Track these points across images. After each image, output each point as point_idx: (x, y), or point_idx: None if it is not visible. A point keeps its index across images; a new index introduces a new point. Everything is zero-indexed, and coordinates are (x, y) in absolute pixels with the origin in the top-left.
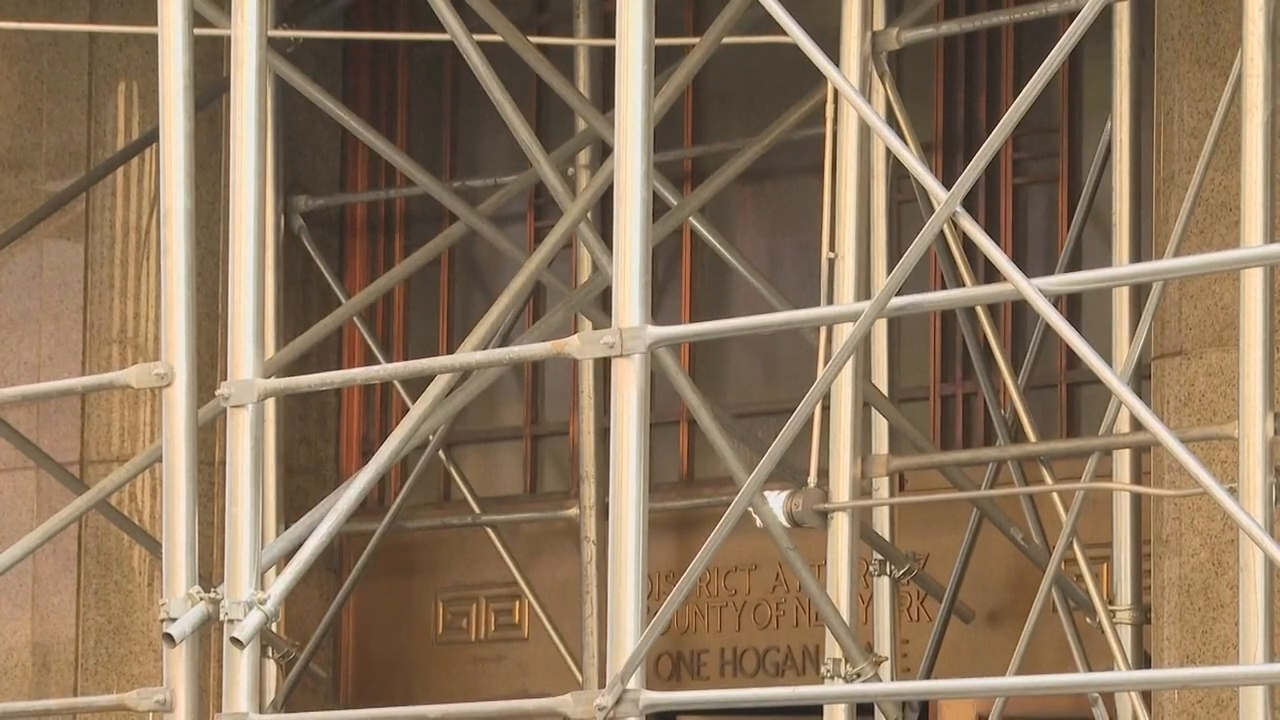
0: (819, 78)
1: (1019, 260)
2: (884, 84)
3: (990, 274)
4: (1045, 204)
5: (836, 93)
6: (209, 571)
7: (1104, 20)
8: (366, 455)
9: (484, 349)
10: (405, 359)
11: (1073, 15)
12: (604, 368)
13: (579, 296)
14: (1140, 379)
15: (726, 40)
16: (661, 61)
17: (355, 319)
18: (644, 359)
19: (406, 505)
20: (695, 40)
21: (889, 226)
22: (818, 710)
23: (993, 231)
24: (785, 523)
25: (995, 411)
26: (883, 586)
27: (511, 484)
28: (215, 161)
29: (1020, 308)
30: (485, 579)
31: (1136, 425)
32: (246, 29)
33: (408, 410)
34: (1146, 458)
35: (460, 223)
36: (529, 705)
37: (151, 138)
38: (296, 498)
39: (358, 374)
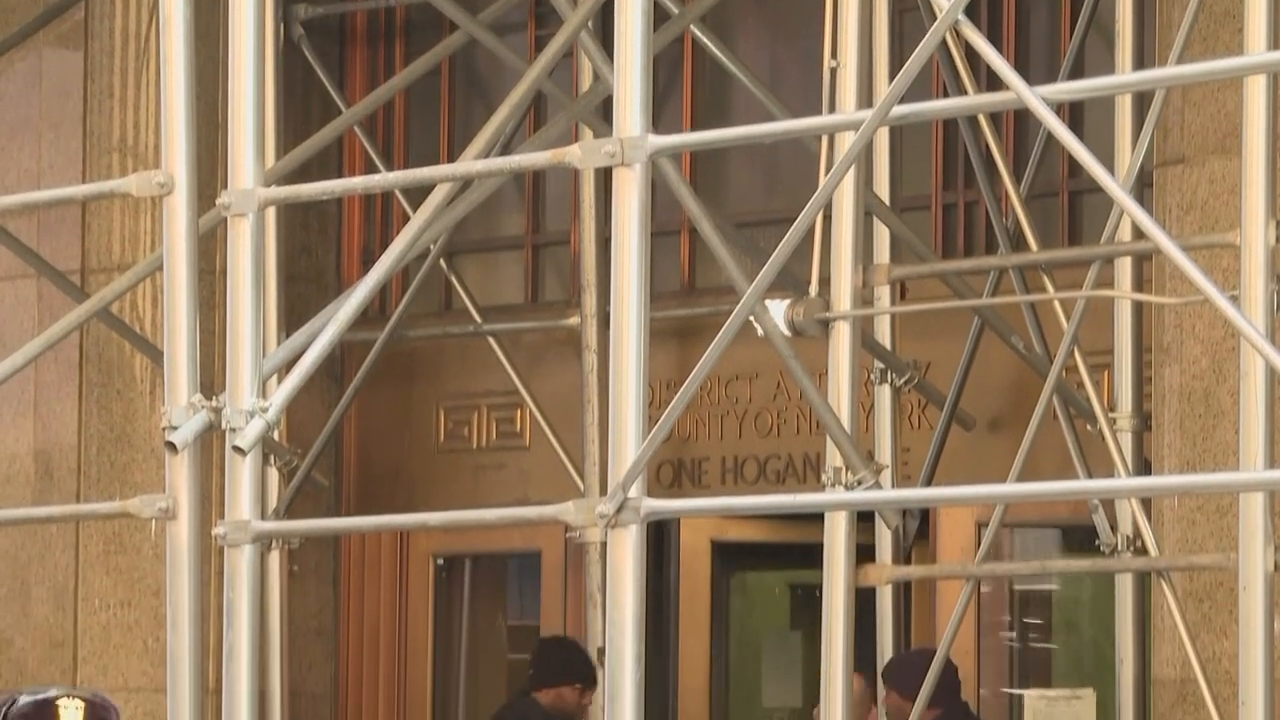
0: None
1: (1021, 68)
2: None
3: (992, 82)
4: (1048, 11)
5: None
6: (211, 380)
7: None
8: (367, 264)
9: (485, 158)
10: (406, 168)
11: None
12: (605, 177)
13: (580, 106)
14: (1142, 187)
15: None
16: None
17: (355, 128)
18: (645, 168)
19: (408, 314)
20: None
21: (891, 35)
22: (818, 518)
23: (995, 39)
24: (786, 331)
25: (997, 220)
26: (884, 394)
27: (512, 293)
28: None
29: (1022, 116)
30: (486, 387)
31: (1138, 233)
32: None
33: (408, 219)
34: (1148, 265)
35: (461, 31)
36: (530, 513)
37: None
38: (297, 307)
39: (358, 182)
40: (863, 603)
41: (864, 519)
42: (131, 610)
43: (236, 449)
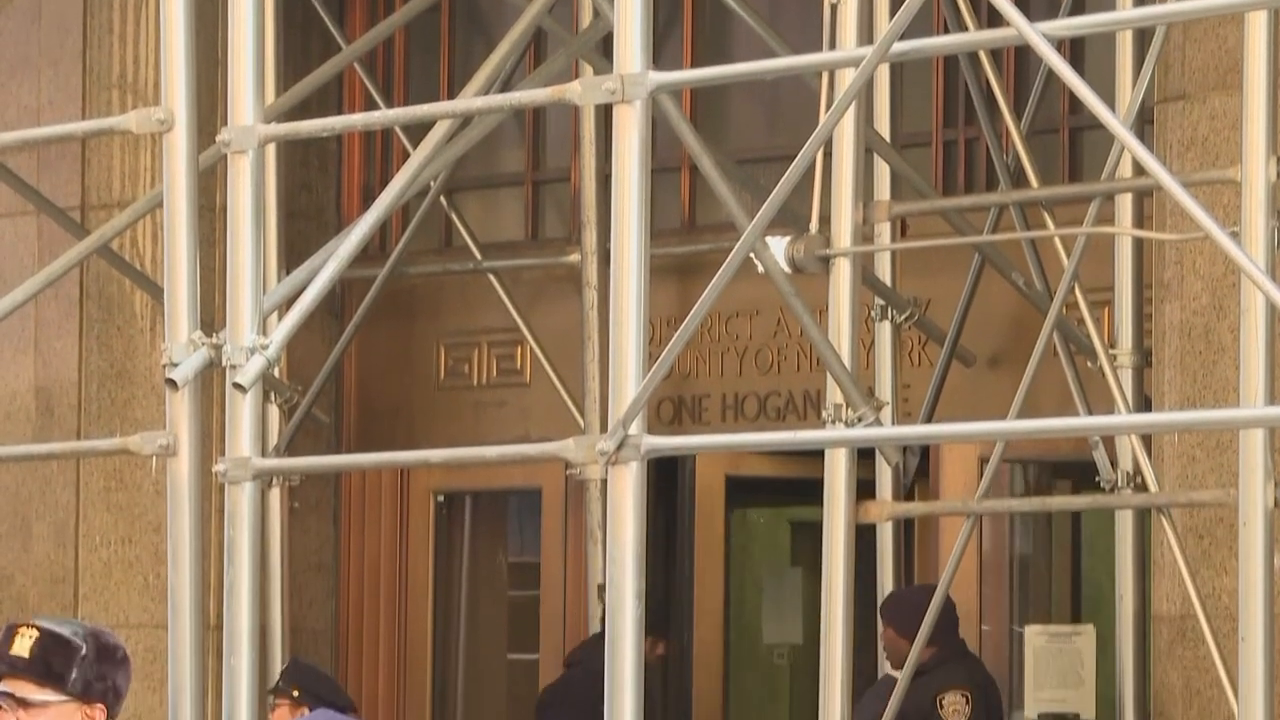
0: None
1: (1022, 4)
2: None
3: (993, 18)
4: None
5: None
6: (211, 317)
7: None
8: (367, 201)
9: (485, 95)
10: (406, 105)
11: None
12: (605, 114)
13: (580, 42)
14: (1143, 123)
15: None
16: None
17: (355, 65)
18: (645, 105)
19: (408, 251)
20: None
21: None
22: (818, 454)
23: None
24: (787, 268)
25: (998, 156)
26: (884, 331)
27: (513, 230)
28: None
29: (1023, 52)
30: (487, 324)
31: (1139, 169)
32: None
33: (408, 156)
34: (1148, 202)
35: None
36: (531, 450)
37: None
38: (297, 243)
39: (358, 119)
40: (865, 539)
41: (864, 455)
42: (132, 547)
43: (237, 386)
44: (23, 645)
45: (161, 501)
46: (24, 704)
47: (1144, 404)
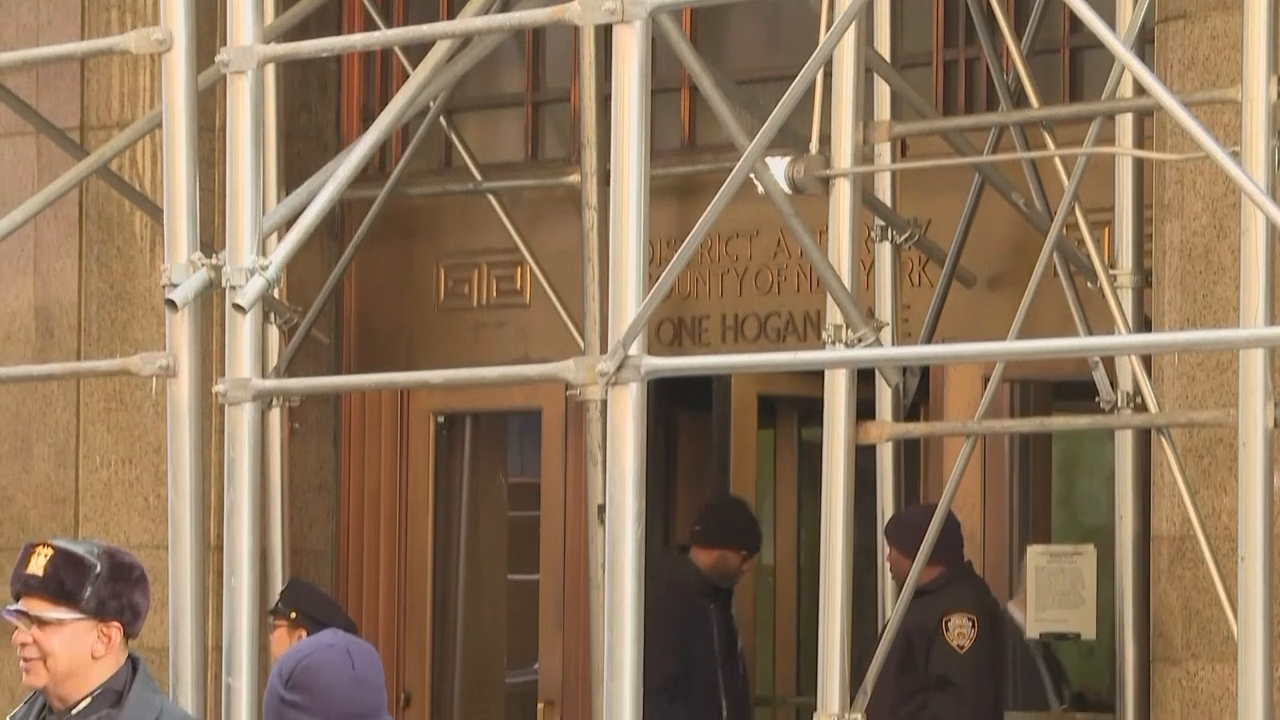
0: None
1: None
2: None
3: None
4: None
5: None
6: (211, 238)
7: None
8: (367, 122)
9: (485, 15)
10: (406, 25)
11: None
12: (605, 34)
13: None
14: (1144, 43)
15: None
16: None
17: None
18: (645, 24)
19: (407, 172)
20: None
21: None
22: (818, 375)
23: None
24: (787, 189)
25: (998, 76)
26: (884, 252)
27: (513, 150)
28: None
29: None
30: (486, 245)
31: (1139, 89)
32: None
33: (408, 77)
34: (1149, 122)
35: None
36: (531, 371)
37: None
38: (297, 164)
39: (358, 39)
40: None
41: (864, 376)
42: (133, 467)
43: (236, 307)
44: (37, 564)
45: (162, 422)
46: (39, 622)
47: (1144, 324)
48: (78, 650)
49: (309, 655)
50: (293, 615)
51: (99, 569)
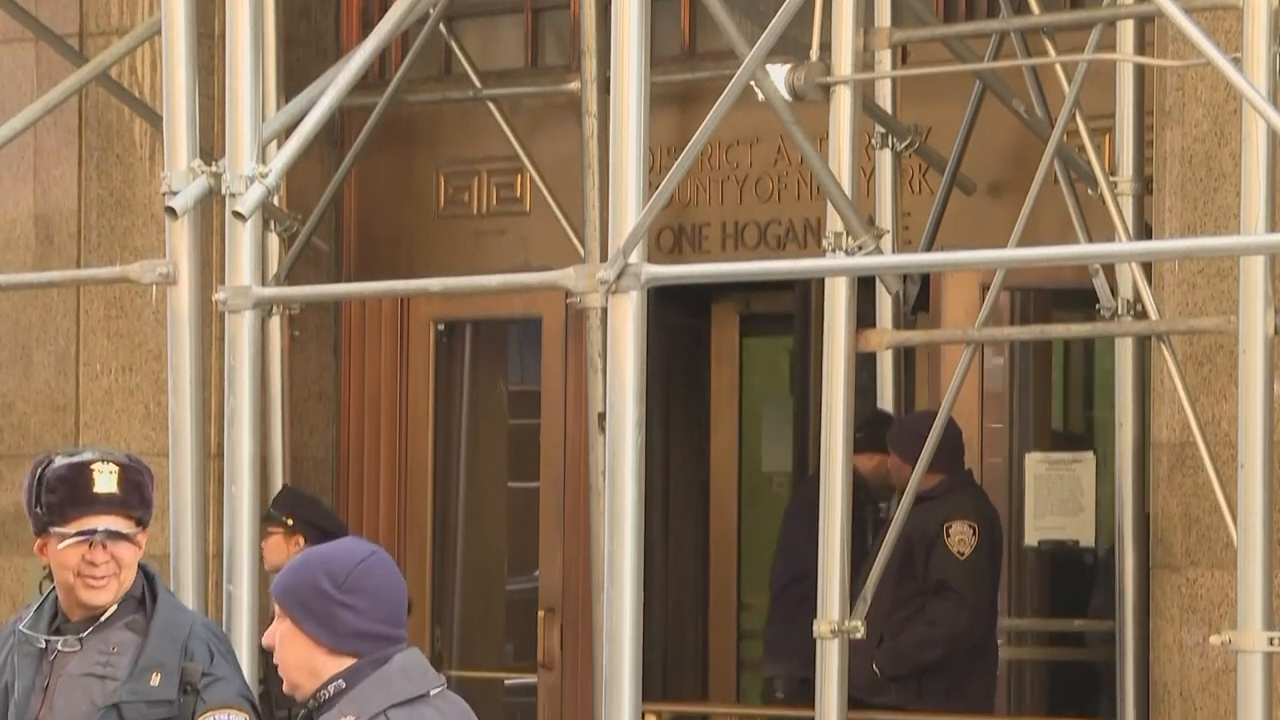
0: None
1: None
2: None
3: None
4: None
5: None
6: (210, 146)
7: None
8: (367, 28)
9: None
10: None
11: None
12: None
13: None
14: None
15: None
16: None
17: None
18: None
19: (407, 79)
20: None
21: None
22: (819, 283)
23: None
24: (787, 96)
25: None
26: (884, 159)
27: (512, 57)
28: None
29: None
30: (486, 152)
31: None
32: None
33: None
34: (1150, 28)
35: None
36: (531, 279)
37: None
38: (296, 71)
39: None
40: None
41: (864, 285)
42: (133, 375)
43: (236, 214)
44: (110, 482)
45: (162, 330)
46: (114, 537)
47: (1144, 231)
48: (135, 562)
49: (363, 560)
50: (289, 522)
51: (152, 479)
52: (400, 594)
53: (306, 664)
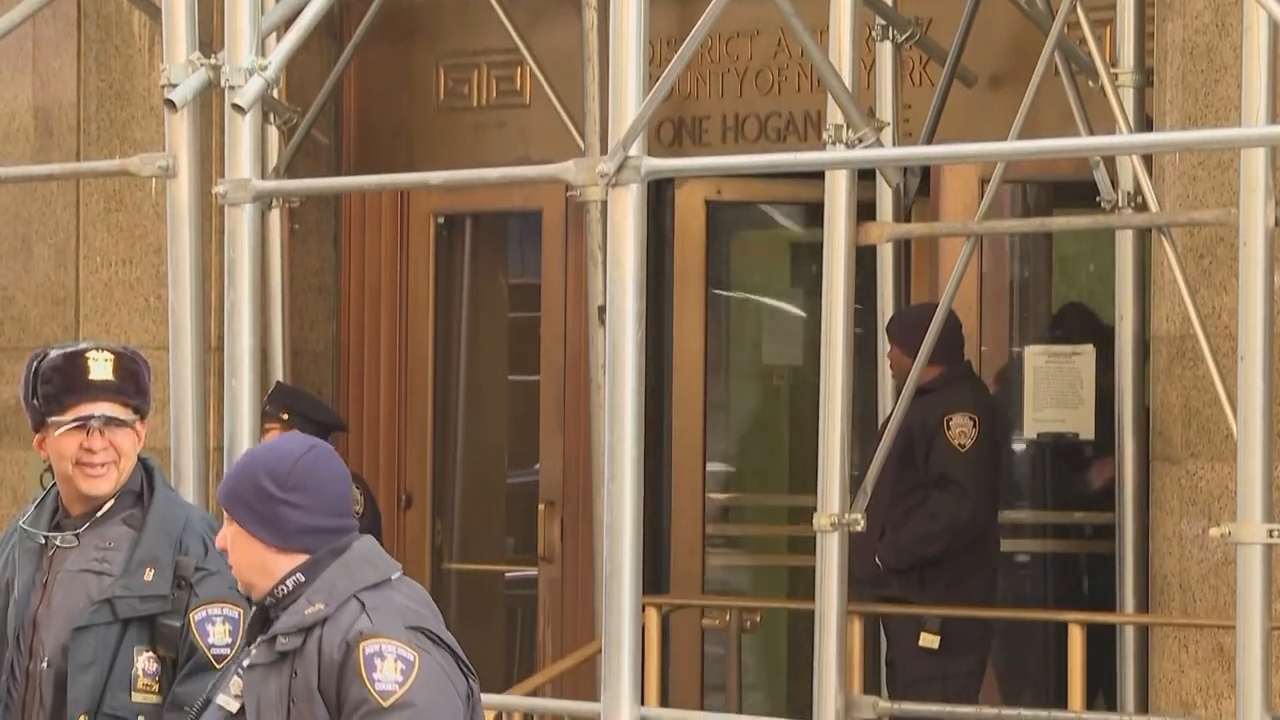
0: None
1: None
2: None
3: None
4: None
5: None
6: (209, 38)
7: None
8: None
9: None
10: None
11: None
12: None
13: None
14: None
15: None
16: None
17: None
18: None
19: None
20: None
21: None
22: (818, 176)
23: None
24: None
25: None
26: (885, 52)
27: None
28: None
29: None
30: (486, 45)
31: None
32: None
33: None
34: None
35: None
36: (531, 172)
37: None
38: None
39: None
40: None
41: (864, 177)
42: (133, 268)
43: (235, 107)
44: (105, 369)
45: (162, 223)
46: (111, 424)
47: (1145, 123)
48: (135, 451)
49: (302, 456)
50: (285, 416)
51: (149, 370)
52: (344, 485)
53: (258, 564)
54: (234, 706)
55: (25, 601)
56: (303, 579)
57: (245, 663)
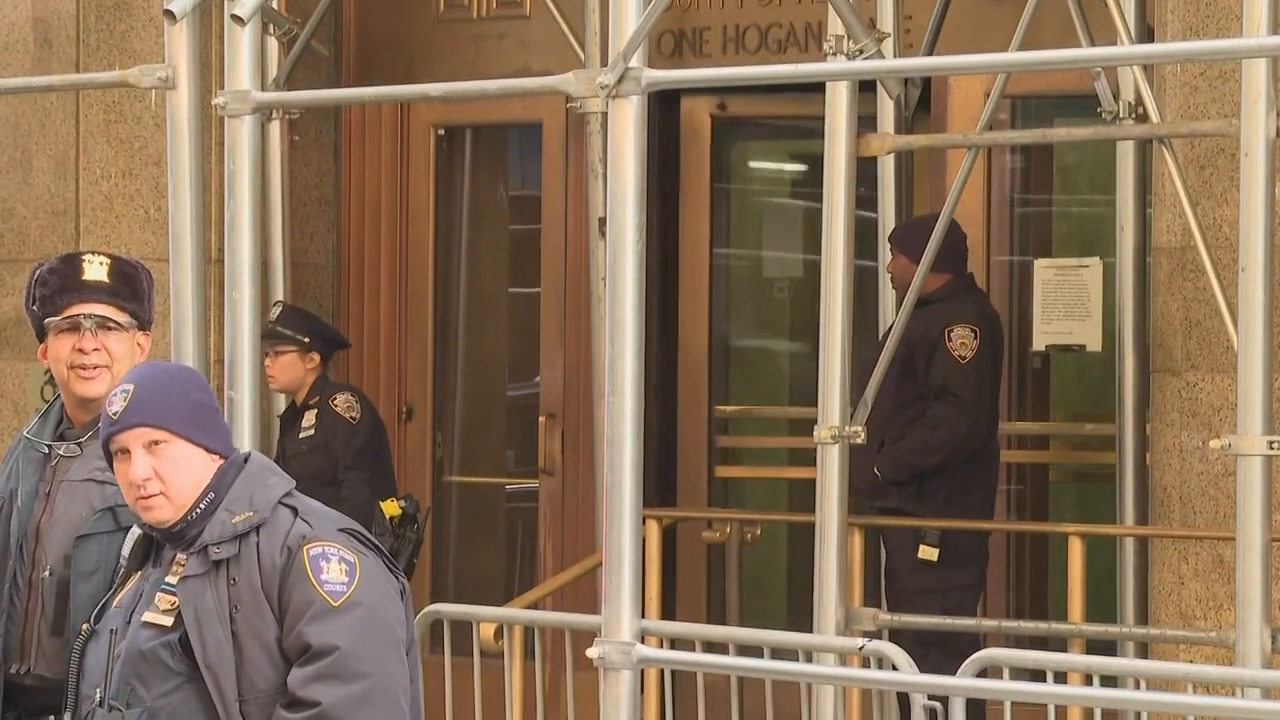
0: None
1: None
2: None
3: None
4: None
5: None
6: None
7: None
8: None
9: None
10: None
11: None
12: None
13: None
14: None
15: None
16: None
17: None
18: None
19: None
20: None
21: None
22: (819, 88)
23: None
24: None
25: None
26: None
27: None
28: None
29: None
30: None
31: None
32: None
33: None
34: None
35: None
36: (531, 84)
37: None
38: None
39: None
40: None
41: (865, 89)
42: (133, 180)
43: (235, 18)
44: (99, 271)
45: (162, 135)
46: (104, 326)
47: (1146, 34)
48: (131, 359)
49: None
50: (305, 340)
51: (149, 280)
52: None
53: (200, 479)
54: (167, 621)
55: (28, 511)
56: (214, 496)
57: (170, 579)
